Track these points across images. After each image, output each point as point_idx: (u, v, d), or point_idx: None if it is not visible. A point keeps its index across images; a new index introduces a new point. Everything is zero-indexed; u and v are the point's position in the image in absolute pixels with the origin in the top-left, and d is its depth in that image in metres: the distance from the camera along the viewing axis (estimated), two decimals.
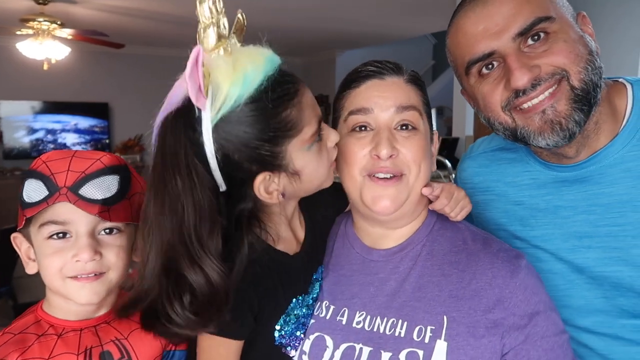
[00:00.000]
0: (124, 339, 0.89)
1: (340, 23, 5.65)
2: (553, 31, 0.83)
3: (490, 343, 0.80)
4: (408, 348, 0.81)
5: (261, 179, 0.78)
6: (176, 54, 6.83)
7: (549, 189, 0.96)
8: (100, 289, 0.85)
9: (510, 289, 0.82)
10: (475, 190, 1.09)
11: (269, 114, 0.74)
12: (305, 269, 0.92)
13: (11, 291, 3.84)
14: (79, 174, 0.83)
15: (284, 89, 0.75)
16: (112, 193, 0.84)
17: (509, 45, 0.83)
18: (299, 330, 0.91)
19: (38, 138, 6.86)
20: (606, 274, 0.90)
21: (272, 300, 0.84)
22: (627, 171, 0.87)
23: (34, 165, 0.87)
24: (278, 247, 0.86)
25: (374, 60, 0.92)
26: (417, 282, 0.87)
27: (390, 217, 0.89)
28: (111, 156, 0.89)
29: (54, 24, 4.53)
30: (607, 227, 0.89)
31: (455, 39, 0.91)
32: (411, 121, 0.88)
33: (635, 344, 0.89)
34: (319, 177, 0.85)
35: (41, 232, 0.84)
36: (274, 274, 0.84)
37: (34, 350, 0.82)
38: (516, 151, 1.04)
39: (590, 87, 0.83)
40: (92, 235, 0.84)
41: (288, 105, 0.76)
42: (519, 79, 0.82)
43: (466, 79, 0.92)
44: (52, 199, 0.81)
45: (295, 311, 0.89)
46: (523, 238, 1.00)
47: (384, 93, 0.88)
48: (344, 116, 0.91)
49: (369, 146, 0.87)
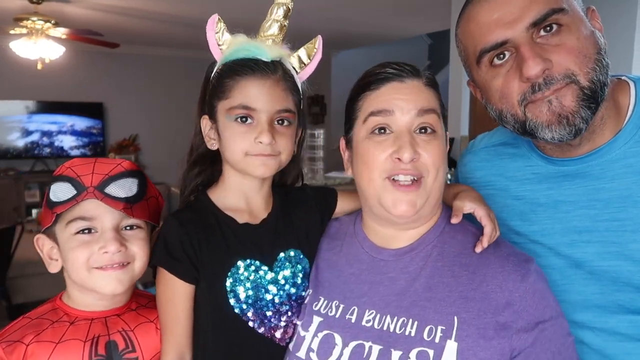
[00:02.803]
0: (130, 330, 0.94)
1: (336, 23, 5.65)
2: (565, 24, 0.83)
3: (500, 345, 0.80)
4: (418, 347, 0.82)
5: (205, 120, 1.00)
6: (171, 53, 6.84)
7: (551, 183, 0.97)
8: (125, 278, 0.92)
9: (520, 293, 0.82)
10: (476, 185, 1.10)
11: (226, 74, 0.95)
12: (259, 240, 0.99)
13: (5, 292, 3.82)
14: (103, 175, 0.91)
15: (243, 69, 0.93)
16: (134, 193, 0.93)
17: (522, 35, 0.84)
18: (269, 310, 0.96)
19: (33, 141, 6.82)
20: (604, 269, 0.90)
21: (209, 251, 0.94)
22: (629, 167, 0.88)
23: (60, 171, 0.94)
24: (227, 212, 0.99)
25: (391, 62, 0.92)
26: (427, 282, 0.88)
27: (408, 220, 0.90)
28: (130, 163, 0.99)
29: (48, 23, 4.50)
30: (606, 222, 0.90)
31: (467, 27, 0.91)
32: (431, 124, 0.89)
33: (631, 340, 0.89)
34: (231, 151, 0.95)
35: (69, 228, 0.90)
36: (214, 228, 0.96)
37: (47, 334, 0.89)
38: (518, 146, 1.05)
39: (598, 87, 0.84)
40: (117, 230, 0.92)
41: (232, 76, 0.94)
42: (532, 68, 0.82)
43: (476, 69, 0.92)
44: (80, 196, 0.89)
45: (248, 275, 0.96)
46: (522, 233, 1.01)
47: (405, 96, 0.88)
48: (363, 117, 0.91)
49: (390, 149, 0.87)
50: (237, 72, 0.93)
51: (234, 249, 0.96)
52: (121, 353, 0.91)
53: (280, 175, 1.07)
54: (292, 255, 1.01)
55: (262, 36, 0.98)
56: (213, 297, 0.94)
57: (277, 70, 0.94)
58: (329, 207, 1.11)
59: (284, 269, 0.99)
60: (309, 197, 1.09)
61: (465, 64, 0.97)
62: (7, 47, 4.87)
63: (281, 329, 0.98)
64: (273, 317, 0.97)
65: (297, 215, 1.06)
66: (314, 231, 1.07)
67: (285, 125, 0.96)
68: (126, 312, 0.97)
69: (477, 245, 0.89)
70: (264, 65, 0.93)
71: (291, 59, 1.00)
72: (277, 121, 0.95)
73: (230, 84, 0.93)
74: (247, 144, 0.93)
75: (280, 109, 0.94)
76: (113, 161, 0.96)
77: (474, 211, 0.95)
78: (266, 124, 0.92)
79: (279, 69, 0.95)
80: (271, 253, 0.99)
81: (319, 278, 1.00)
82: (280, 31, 0.98)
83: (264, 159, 0.94)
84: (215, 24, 0.96)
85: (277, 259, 0.99)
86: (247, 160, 0.94)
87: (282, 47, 0.99)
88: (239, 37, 0.97)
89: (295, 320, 0.99)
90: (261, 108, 0.92)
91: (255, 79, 0.92)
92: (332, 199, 1.11)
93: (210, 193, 1.02)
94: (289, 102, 0.96)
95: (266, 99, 0.92)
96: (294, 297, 0.99)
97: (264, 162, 0.94)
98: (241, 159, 0.94)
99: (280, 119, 0.95)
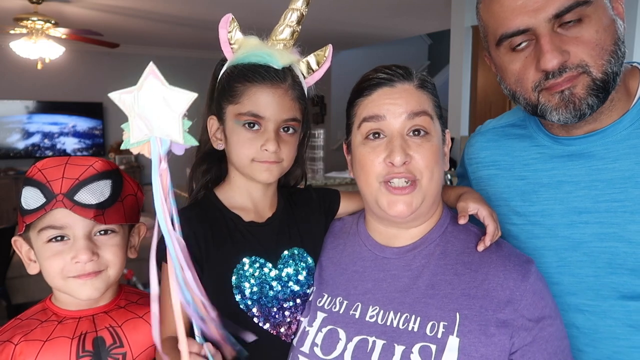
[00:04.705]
0: (117, 326, 0.94)
1: (336, 23, 5.66)
2: (587, 15, 0.84)
3: (500, 342, 0.82)
4: (421, 342, 0.83)
5: (212, 120, 1.01)
6: (171, 53, 6.82)
7: (555, 163, 0.98)
8: (100, 285, 0.92)
9: (520, 292, 0.84)
10: (480, 164, 1.12)
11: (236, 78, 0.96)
12: (264, 238, 1.01)
13: (5, 292, 3.82)
14: (73, 180, 0.89)
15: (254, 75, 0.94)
16: (105, 197, 0.90)
17: (543, 25, 0.84)
18: (273, 306, 0.97)
19: (35, 143, 6.83)
20: (601, 250, 0.91)
21: (215, 247, 0.95)
22: (632, 148, 0.89)
23: (30, 173, 0.92)
24: (233, 210, 1.01)
25: (383, 66, 0.95)
26: (430, 279, 0.90)
27: (406, 219, 0.92)
28: (103, 162, 0.95)
29: (48, 23, 4.51)
30: (606, 202, 0.91)
31: (491, 7, 0.91)
32: (423, 126, 0.90)
33: (621, 325, 0.90)
34: (237, 156, 0.97)
35: (40, 236, 0.90)
36: (220, 225, 0.98)
37: (35, 333, 0.90)
38: (525, 128, 1.06)
39: (610, 77, 0.85)
40: (89, 237, 0.90)
41: (243, 81, 0.95)
42: (549, 61, 0.84)
43: (495, 49, 0.93)
44: (49, 205, 0.87)
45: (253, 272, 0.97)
46: (522, 213, 1.02)
47: (396, 100, 0.90)
48: (358, 123, 0.94)
49: (383, 154, 0.90)
50: (248, 78, 0.94)
51: (240, 246, 0.98)
52: (109, 348, 0.92)
53: (285, 176, 1.08)
54: (296, 254, 1.03)
55: (274, 40, 0.99)
56: (218, 293, 0.95)
57: (287, 79, 0.96)
58: (332, 208, 1.13)
59: (287, 267, 1.01)
60: (312, 198, 1.12)
61: (483, 39, 0.98)
62: (7, 47, 4.88)
63: (286, 324, 0.99)
64: (277, 314, 0.98)
65: (301, 215, 1.08)
66: (318, 231, 1.10)
67: (290, 133, 0.99)
68: (114, 309, 0.97)
69: (480, 244, 0.91)
70: (274, 73, 0.95)
71: (300, 64, 1.01)
72: (282, 129, 0.97)
73: (241, 89, 0.95)
74: (253, 151, 0.95)
75: (287, 118, 0.96)
76: (85, 161, 0.93)
77: (477, 211, 0.97)
78: (273, 132, 0.95)
79: (289, 77, 0.97)
80: (275, 251, 1.01)
81: (323, 275, 1.02)
82: (292, 36, 1.00)
83: (268, 166, 0.96)
84: (229, 23, 0.97)
85: (281, 257, 1.01)
86: (252, 166, 0.96)
87: (292, 51, 1.00)
88: (251, 39, 0.98)
89: (300, 316, 1.00)
90: (269, 116, 0.94)
91: (265, 87, 0.94)
92: (335, 200, 1.14)
93: (217, 191, 1.04)
94: (295, 111, 0.98)
95: (275, 108, 0.94)
96: (297, 294, 1.01)
97: (269, 168, 0.96)
98: (247, 164, 0.97)
99: (286, 127, 0.97)
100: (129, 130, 0.68)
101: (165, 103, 0.66)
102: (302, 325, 0.98)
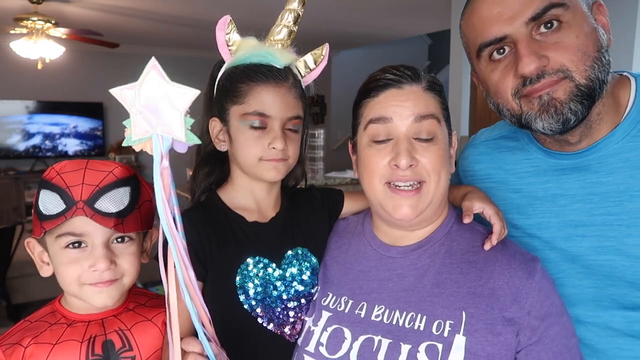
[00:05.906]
0: (127, 329, 0.94)
1: (336, 23, 5.65)
2: (566, 21, 0.83)
3: (507, 340, 0.82)
4: (427, 341, 0.83)
5: (215, 122, 1.01)
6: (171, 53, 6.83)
7: (549, 177, 0.98)
8: (115, 294, 0.93)
9: (526, 290, 0.84)
10: (475, 178, 1.11)
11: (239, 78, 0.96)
12: (268, 238, 1.01)
13: (4, 292, 3.81)
14: (93, 187, 0.88)
15: (257, 75, 0.95)
16: (125, 205, 0.90)
17: (520, 31, 0.84)
18: (277, 306, 0.97)
19: (35, 144, 6.81)
20: (599, 263, 0.91)
21: (219, 248, 0.96)
22: (626, 161, 0.89)
23: (48, 176, 0.90)
24: (236, 210, 1.01)
25: (391, 67, 0.94)
26: (435, 278, 0.89)
27: (410, 222, 0.92)
28: (122, 168, 0.94)
29: (48, 23, 4.50)
30: (602, 216, 0.91)
31: (470, 21, 0.92)
32: (430, 130, 0.89)
33: (622, 335, 0.90)
34: (244, 156, 0.97)
35: (58, 242, 0.89)
36: (224, 226, 0.98)
37: (45, 336, 0.90)
38: (518, 140, 1.05)
39: (596, 84, 0.84)
40: (107, 246, 0.90)
41: (247, 81, 0.95)
42: (526, 66, 0.83)
43: (477, 62, 0.93)
44: (69, 212, 0.86)
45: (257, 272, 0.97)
46: (519, 226, 1.01)
47: (403, 103, 0.89)
48: (364, 124, 0.93)
49: (388, 156, 0.89)
50: (252, 78, 0.95)
51: (244, 246, 0.98)
52: (118, 352, 0.91)
53: (286, 176, 1.08)
54: (300, 253, 1.04)
55: (271, 40, 1.00)
56: (222, 293, 0.96)
57: (288, 77, 0.98)
58: (335, 208, 1.13)
59: (291, 267, 1.01)
60: (316, 198, 1.12)
61: (468, 56, 0.98)
62: (7, 47, 4.87)
63: (290, 324, 0.99)
64: (281, 314, 0.98)
65: (304, 215, 1.09)
66: (321, 230, 1.10)
67: (294, 130, 1.00)
68: (123, 312, 0.97)
69: (486, 243, 0.91)
70: (277, 72, 0.96)
71: (297, 63, 1.02)
72: (287, 127, 0.98)
73: (245, 90, 0.95)
74: (260, 150, 0.96)
75: (291, 116, 0.97)
76: (104, 167, 0.92)
77: (482, 210, 0.97)
78: (279, 130, 0.95)
79: (290, 76, 0.98)
80: (279, 251, 1.01)
81: (327, 275, 1.02)
82: (289, 36, 1.01)
83: (275, 164, 0.97)
84: (227, 25, 0.97)
85: (285, 257, 1.01)
86: (260, 165, 0.97)
87: (290, 51, 1.01)
88: (249, 40, 0.99)
89: (304, 316, 1.00)
90: (275, 115, 0.95)
91: (270, 86, 0.95)
92: (339, 200, 1.14)
93: (220, 192, 1.04)
94: (298, 109, 0.99)
95: (280, 106, 0.95)
96: (301, 293, 1.01)
97: (276, 166, 0.97)
98: (254, 164, 0.97)
99: (290, 125, 0.98)
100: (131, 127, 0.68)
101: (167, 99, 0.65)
102: (307, 325, 0.98)
